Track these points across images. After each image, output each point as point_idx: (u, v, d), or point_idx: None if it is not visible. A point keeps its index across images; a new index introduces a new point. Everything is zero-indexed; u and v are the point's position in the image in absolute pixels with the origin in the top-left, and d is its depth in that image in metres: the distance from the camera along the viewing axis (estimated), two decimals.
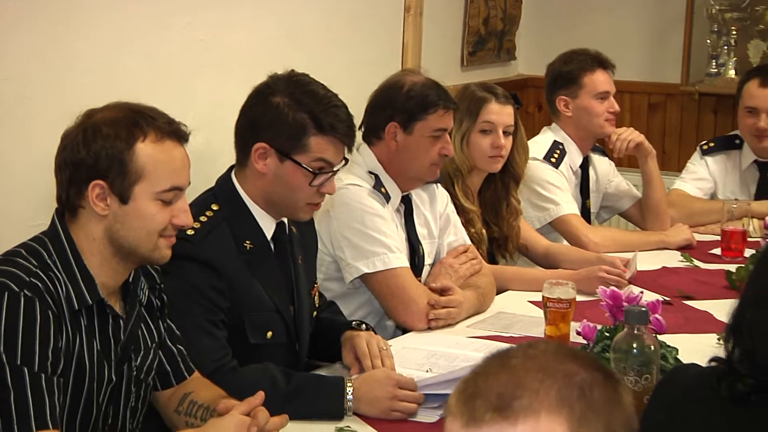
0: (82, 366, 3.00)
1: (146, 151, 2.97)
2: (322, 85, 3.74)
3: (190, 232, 3.48)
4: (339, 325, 3.89)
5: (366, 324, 3.92)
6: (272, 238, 3.75)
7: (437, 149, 4.41)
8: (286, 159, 3.60)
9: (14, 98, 3.89)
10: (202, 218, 3.59)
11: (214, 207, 3.65)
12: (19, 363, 2.80)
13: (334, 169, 3.69)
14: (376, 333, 3.89)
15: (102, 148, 2.94)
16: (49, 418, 2.81)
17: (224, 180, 3.76)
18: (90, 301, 3.00)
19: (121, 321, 3.12)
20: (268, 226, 3.72)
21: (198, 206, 3.59)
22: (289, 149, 3.59)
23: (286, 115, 3.58)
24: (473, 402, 1.73)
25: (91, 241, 3.02)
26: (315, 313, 3.98)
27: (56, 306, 2.90)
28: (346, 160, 3.78)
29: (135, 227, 3.01)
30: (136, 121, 2.99)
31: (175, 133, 3.06)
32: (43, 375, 2.83)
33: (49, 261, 2.97)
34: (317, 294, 4.00)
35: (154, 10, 4.52)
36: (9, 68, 3.87)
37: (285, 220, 3.81)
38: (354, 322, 3.88)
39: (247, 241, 3.66)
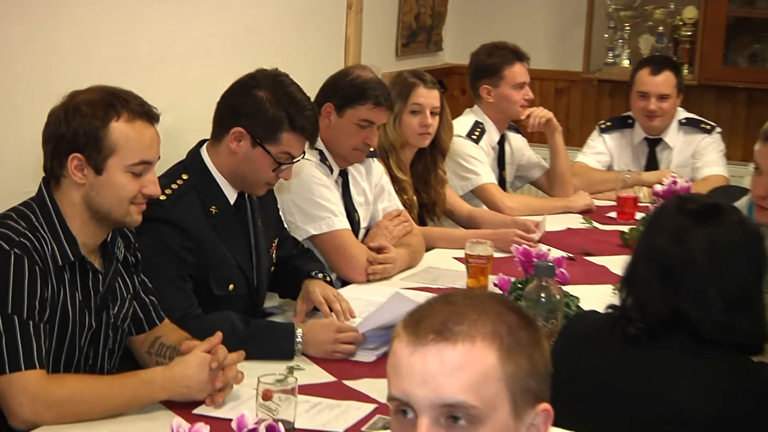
0: (65, 314, 3.01)
1: (119, 129, 2.98)
2: (299, 87, 3.76)
3: (162, 197, 3.46)
4: (303, 272, 3.89)
5: (326, 275, 3.94)
6: (234, 204, 3.74)
7: (362, 137, 4.41)
8: (258, 146, 3.62)
9: (6, 80, 3.86)
10: (174, 186, 3.60)
11: (185, 177, 3.65)
12: (9, 312, 2.83)
13: (294, 160, 3.71)
14: (332, 284, 3.93)
15: (80, 125, 2.96)
16: (36, 359, 2.83)
17: (194, 154, 3.76)
18: (72, 258, 3.02)
19: (100, 275, 3.13)
20: (231, 194, 3.72)
21: (170, 176, 3.64)
22: (263, 139, 3.61)
23: (266, 109, 3.61)
24: (418, 326, 1.77)
25: (72, 206, 3.02)
26: (272, 267, 3.97)
27: (42, 262, 2.92)
28: (304, 153, 3.79)
29: (108, 195, 3.01)
30: (111, 102, 3.00)
31: (146, 114, 3.06)
32: (31, 322, 2.86)
33: (36, 223, 2.98)
34: (275, 251, 3.98)
35: (128, 5, 4.48)
36: (1, 53, 3.85)
37: None
38: (314, 273, 3.88)
39: (213, 207, 3.66)
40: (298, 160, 3.77)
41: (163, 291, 3.43)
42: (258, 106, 3.62)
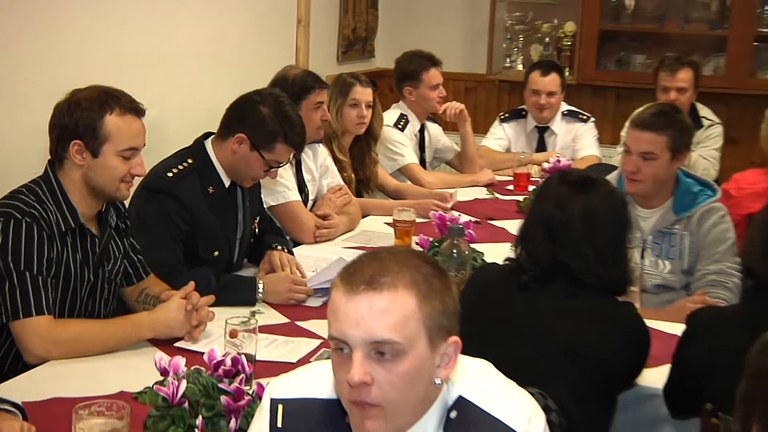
0: (68, 271, 3.00)
1: (113, 121, 2.95)
2: (294, 107, 3.79)
3: (170, 174, 3.56)
4: (268, 245, 3.86)
5: (285, 247, 3.90)
6: (228, 188, 3.71)
7: (318, 116, 4.42)
8: (255, 151, 3.60)
9: (19, 81, 3.82)
10: (180, 167, 3.60)
11: (189, 161, 3.63)
12: (22, 269, 2.83)
13: (281, 165, 3.73)
14: (290, 252, 3.91)
15: (80, 117, 2.93)
16: (44, 306, 2.84)
17: (199, 143, 3.72)
18: (73, 225, 3.00)
19: (96, 239, 3.10)
20: (226, 180, 3.70)
21: (178, 157, 3.67)
22: (260, 146, 3.59)
23: (267, 123, 3.59)
24: (352, 278, 1.77)
25: (73, 183, 2.99)
26: (253, 239, 3.95)
27: (49, 228, 2.91)
28: (288, 161, 3.83)
29: (103, 175, 2.99)
30: (106, 99, 2.97)
31: (134, 109, 3.03)
32: (40, 277, 2.85)
33: (43, 197, 2.96)
34: (257, 226, 3.97)
35: (121, 17, 4.43)
36: (15, 58, 3.81)
37: None
38: (275, 245, 3.85)
39: (211, 187, 3.64)
40: (283, 165, 3.77)
41: (157, 249, 3.42)
42: (260, 120, 3.60)
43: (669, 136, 3.73)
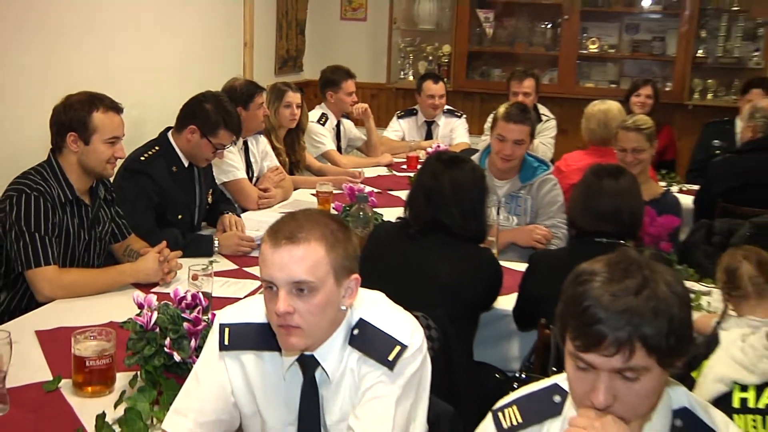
0: (68, 232, 2.94)
1: (99, 117, 2.90)
2: (230, 102, 3.74)
3: (143, 158, 3.49)
4: (220, 211, 3.78)
5: (234, 212, 3.85)
6: (187, 167, 3.64)
7: (261, 114, 4.40)
8: (204, 138, 3.54)
9: (26, 88, 3.75)
10: (149, 153, 3.54)
11: (157, 148, 3.56)
12: (32, 230, 2.79)
13: (225, 148, 3.68)
14: (238, 216, 3.86)
15: (74, 115, 2.89)
16: (51, 258, 2.81)
17: (163, 135, 3.64)
18: (71, 197, 2.94)
19: (89, 208, 3.04)
20: (185, 161, 3.62)
21: (148, 146, 3.60)
22: (208, 134, 3.55)
23: (211, 116, 3.55)
24: (276, 234, 1.76)
25: (69, 165, 2.93)
26: (208, 206, 3.87)
27: (51, 200, 2.86)
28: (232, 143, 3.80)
29: (93, 158, 2.93)
30: (93, 101, 2.92)
31: (115, 107, 2.97)
32: (46, 236, 2.81)
33: (47, 176, 2.90)
34: (210, 197, 3.88)
35: (111, 38, 4.35)
36: (23, 70, 3.73)
37: None
38: (227, 211, 3.78)
39: (174, 167, 3.57)
40: (226, 148, 3.72)
41: (136, 215, 3.34)
42: (206, 114, 3.54)
43: (530, 126, 3.78)
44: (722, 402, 2.20)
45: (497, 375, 2.95)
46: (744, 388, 2.21)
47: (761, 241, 3.57)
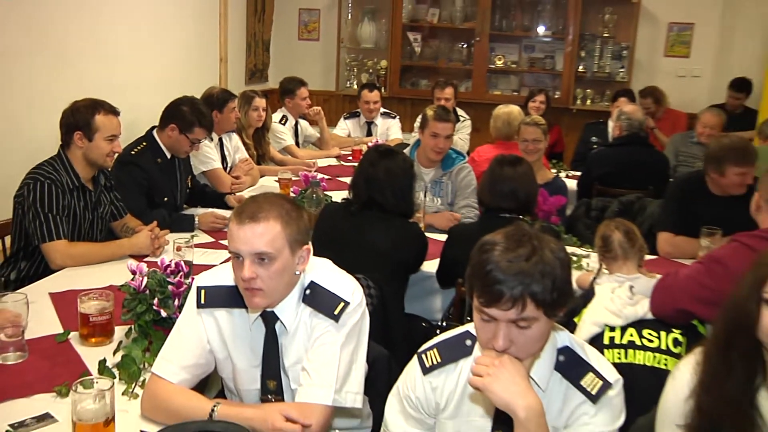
0: (75, 213, 2.86)
1: (100, 118, 2.82)
2: (203, 104, 3.65)
3: (133, 152, 3.39)
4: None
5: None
6: (170, 158, 3.53)
7: (233, 116, 4.30)
8: (182, 134, 3.45)
9: (39, 93, 3.66)
10: (138, 148, 3.44)
11: (144, 144, 3.46)
12: (46, 211, 2.72)
13: (200, 143, 3.58)
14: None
15: (80, 117, 2.81)
16: (62, 234, 2.75)
17: (149, 133, 3.53)
18: (77, 184, 2.85)
19: (92, 193, 2.94)
20: (168, 154, 3.51)
21: (137, 142, 3.49)
22: (185, 131, 3.45)
23: (187, 116, 3.44)
24: (241, 214, 1.71)
25: (76, 158, 2.85)
26: (189, 189, 3.78)
27: (61, 186, 2.78)
28: (206, 138, 3.69)
29: (95, 152, 2.85)
30: (95, 105, 2.84)
31: (113, 111, 2.89)
32: (58, 216, 2.74)
33: (57, 167, 2.82)
34: (189, 182, 3.79)
35: (107, 49, 4.24)
36: (35, 79, 3.65)
37: None
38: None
39: (159, 159, 3.47)
40: (202, 142, 3.62)
41: (131, 199, 3.23)
42: (182, 114, 3.44)
43: (453, 124, 3.77)
44: (596, 340, 2.24)
45: (424, 324, 2.94)
46: (612, 329, 2.25)
47: (627, 214, 3.67)
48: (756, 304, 1.42)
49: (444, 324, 2.86)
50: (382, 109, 6.03)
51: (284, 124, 5.34)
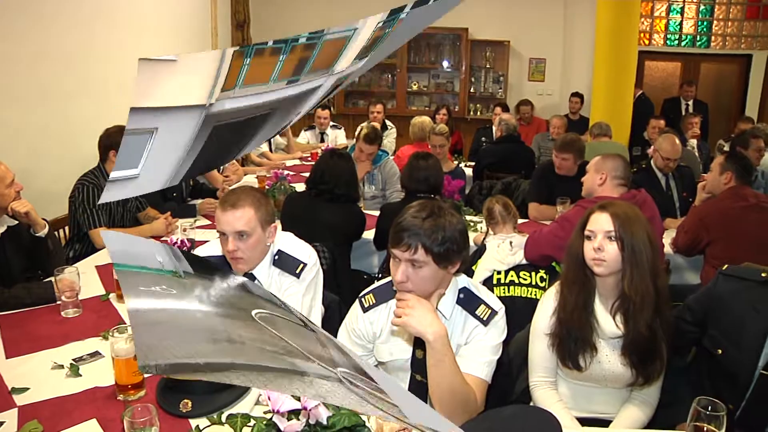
0: (111, 208, 2.78)
1: None
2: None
3: None
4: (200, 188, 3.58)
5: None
6: None
7: None
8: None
9: (80, 127, 3.48)
10: None
11: None
12: (90, 207, 2.66)
13: None
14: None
15: (114, 139, 2.73)
16: (102, 223, 2.67)
17: None
18: None
19: None
20: None
21: None
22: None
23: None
24: (224, 203, 1.67)
25: (110, 169, 2.71)
26: (191, 185, 3.63)
27: (101, 189, 2.67)
28: None
29: None
30: (123, 131, 2.64)
31: None
32: (99, 211, 2.68)
33: (97, 175, 2.73)
34: (192, 180, 3.64)
35: (106, 61, 3.89)
36: (77, 117, 3.47)
37: None
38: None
39: None
40: None
41: (149, 196, 3.00)
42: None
43: (378, 143, 3.66)
44: (488, 282, 2.27)
45: (365, 276, 2.93)
46: (499, 272, 2.29)
47: (507, 192, 3.74)
48: (581, 240, 1.55)
49: (380, 276, 2.86)
50: (331, 123, 5.93)
51: None
